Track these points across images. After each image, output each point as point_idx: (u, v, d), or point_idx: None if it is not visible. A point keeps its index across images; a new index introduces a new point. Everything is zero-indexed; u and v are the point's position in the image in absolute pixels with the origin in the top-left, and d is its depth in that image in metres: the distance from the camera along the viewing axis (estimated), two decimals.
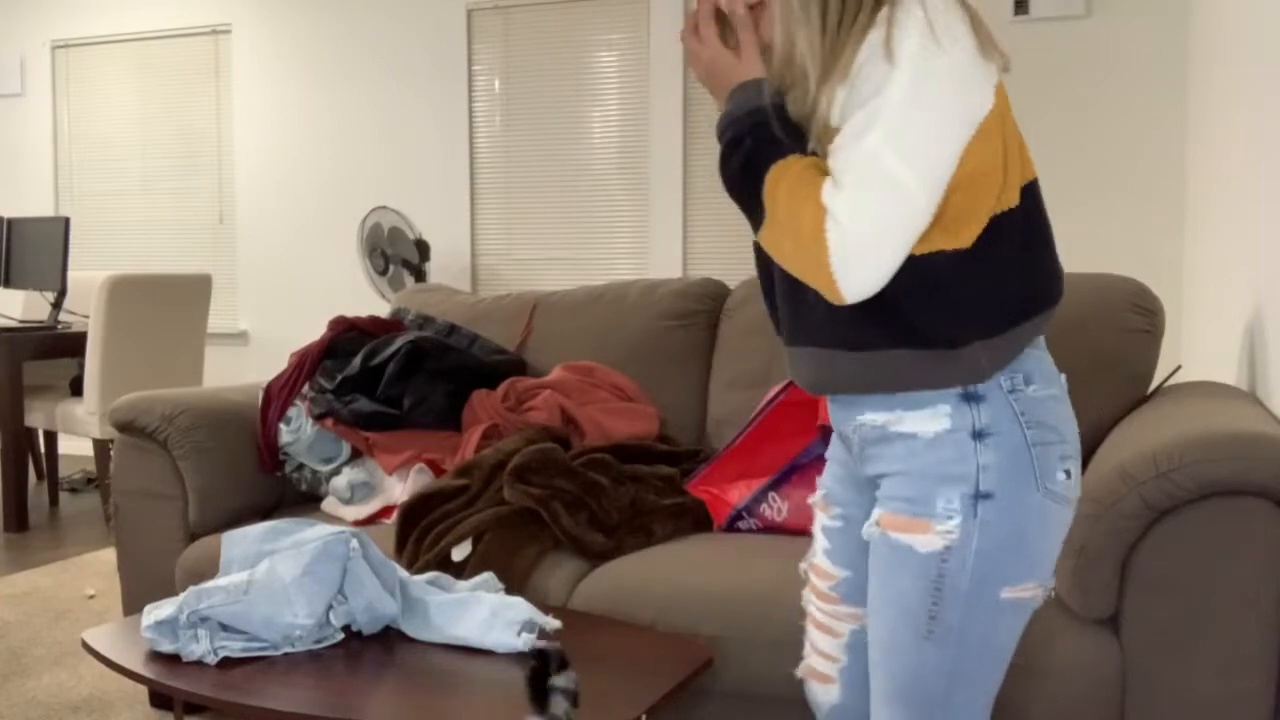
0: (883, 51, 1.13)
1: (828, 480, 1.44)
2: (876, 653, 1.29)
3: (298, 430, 2.58)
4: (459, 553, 2.12)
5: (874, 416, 1.27)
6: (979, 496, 1.20)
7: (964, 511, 1.20)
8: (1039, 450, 1.21)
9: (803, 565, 1.50)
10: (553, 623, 1.81)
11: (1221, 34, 3.17)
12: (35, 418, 4.42)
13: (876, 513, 1.27)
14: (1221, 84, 3.14)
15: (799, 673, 1.50)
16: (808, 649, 1.48)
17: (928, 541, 1.21)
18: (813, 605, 1.46)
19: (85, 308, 4.78)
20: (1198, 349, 3.50)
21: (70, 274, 4.90)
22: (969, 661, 1.24)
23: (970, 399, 1.21)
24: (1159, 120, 4.20)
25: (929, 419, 1.22)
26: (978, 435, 1.20)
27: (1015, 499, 1.20)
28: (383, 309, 5.23)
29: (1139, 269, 4.22)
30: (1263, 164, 2.31)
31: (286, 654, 1.76)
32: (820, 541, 1.44)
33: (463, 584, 1.93)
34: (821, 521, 1.44)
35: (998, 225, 1.19)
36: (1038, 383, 1.24)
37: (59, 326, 4.51)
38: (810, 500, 1.48)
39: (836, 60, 1.17)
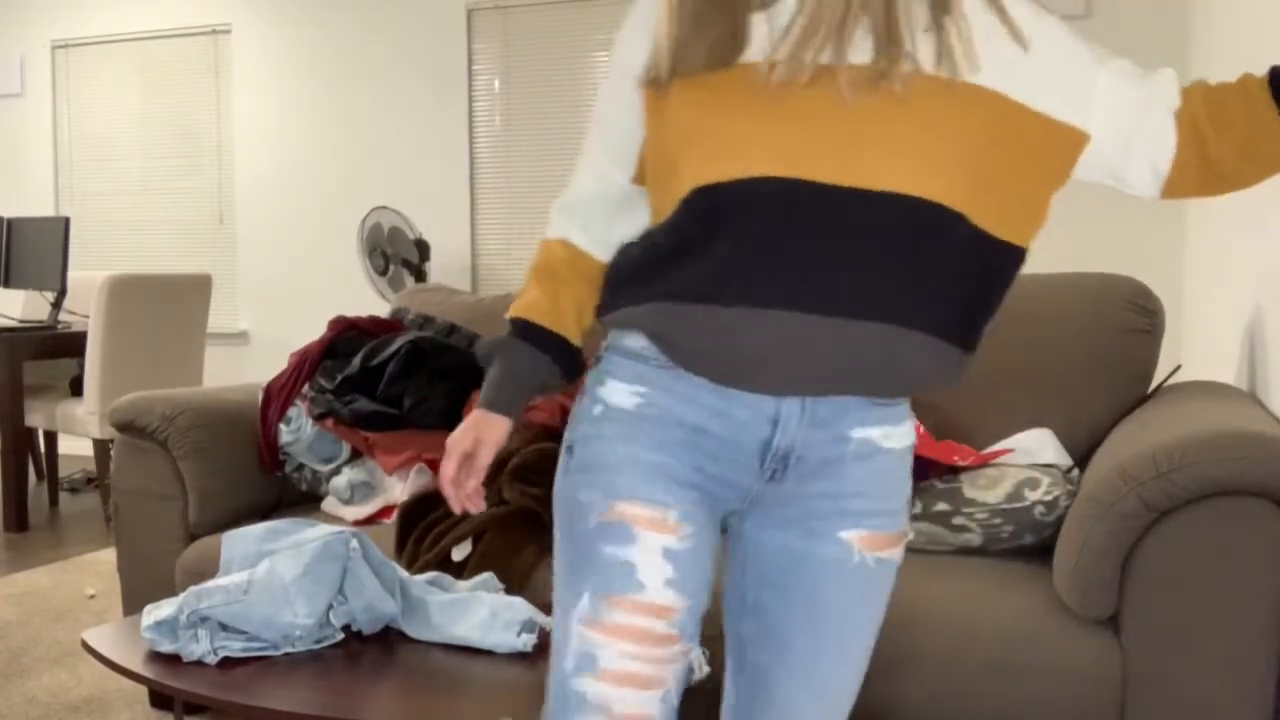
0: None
1: (675, 496, 1.11)
2: (825, 687, 1.18)
3: (298, 430, 2.58)
4: (459, 553, 2.12)
5: (869, 432, 1.13)
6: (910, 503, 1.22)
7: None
8: None
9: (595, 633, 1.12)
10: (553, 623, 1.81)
11: (1221, 34, 3.17)
12: (35, 418, 4.42)
13: (850, 534, 1.14)
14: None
15: None
16: None
17: (900, 552, 1.19)
18: (626, 662, 1.09)
19: (85, 308, 4.78)
20: (1198, 349, 3.50)
21: (70, 274, 4.90)
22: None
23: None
24: None
25: (908, 431, 1.17)
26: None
27: None
28: (383, 309, 5.23)
29: (1139, 269, 4.22)
30: None
31: (286, 654, 1.76)
32: (658, 570, 1.10)
33: (463, 584, 1.93)
34: (663, 543, 1.10)
35: None
36: None
37: (59, 326, 4.51)
38: (627, 514, 1.11)
39: None
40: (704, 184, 1.05)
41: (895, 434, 1.15)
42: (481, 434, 1.21)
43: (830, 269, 1.02)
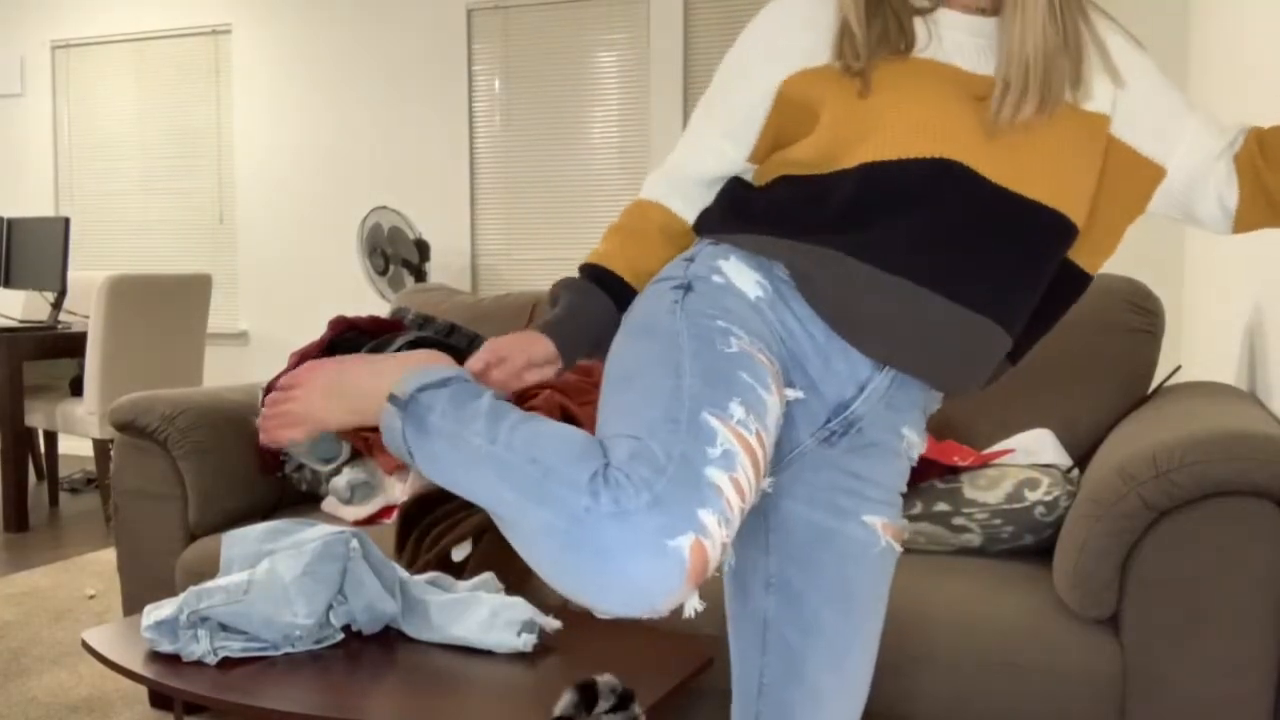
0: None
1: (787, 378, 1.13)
2: (851, 669, 1.22)
3: None
4: (459, 553, 2.12)
5: (911, 435, 1.23)
6: None
7: None
8: None
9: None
10: (553, 623, 1.81)
11: (1221, 34, 3.17)
12: (35, 418, 4.42)
13: (877, 520, 1.21)
14: (1222, 84, 3.14)
15: (671, 544, 0.91)
16: (714, 521, 0.93)
17: (900, 545, 1.28)
18: (747, 483, 0.98)
19: (85, 308, 4.78)
20: (1198, 349, 3.49)
21: (70, 274, 4.90)
22: None
23: None
24: None
25: (924, 442, 1.26)
26: None
27: None
28: (383, 309, 5.24)
29: (1139, 269, 4.22)
30: None
31: (286, 654, 1.76)
32: (775, 426, 1.05)
33: (463, 584, 1.93)
34: (778, 409, 1.06)
35: None
36: None
37: (59, 326, 4.51)
38: (767, 364, 1.07)
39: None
40: (881, 159, 1.10)
41: (919, 443, 1.24)
42: (529, 346, 1.17)
43: (977, 259, 1.10)
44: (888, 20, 1.13)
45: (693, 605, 0.97)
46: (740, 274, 1.14)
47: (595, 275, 1.24)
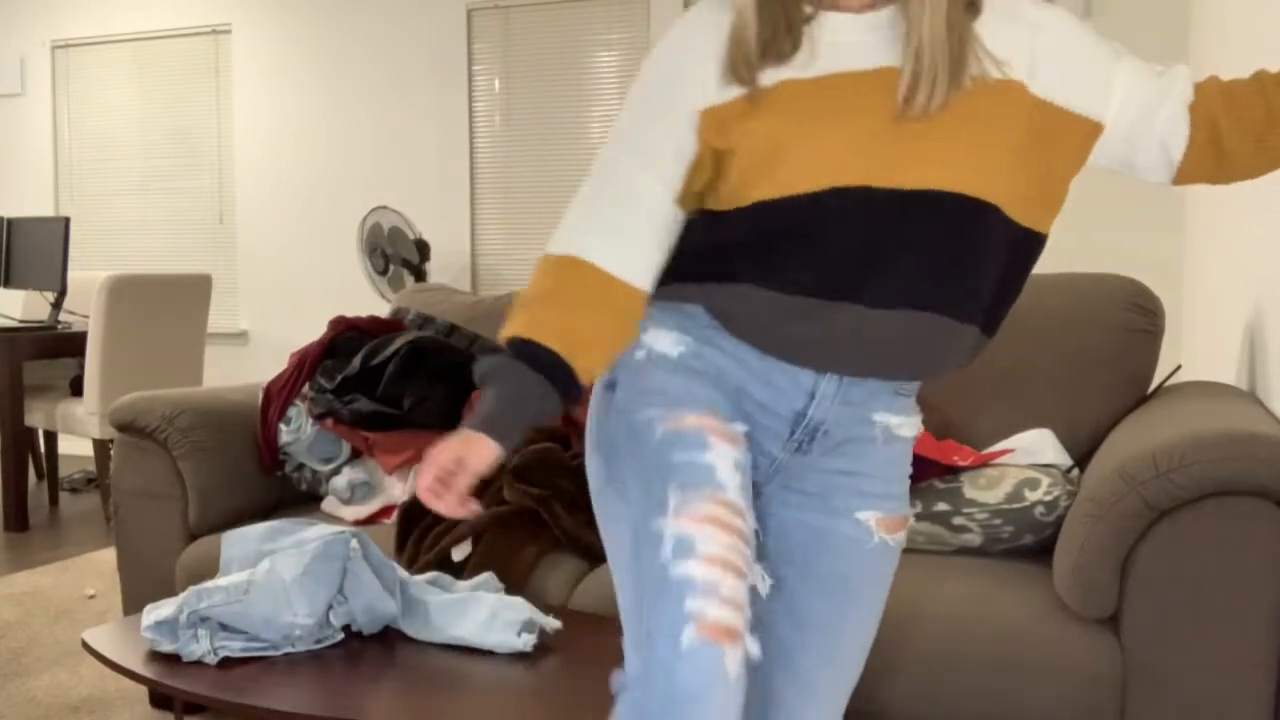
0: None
1: (733, 418, 1.14)
2: (843, 659, 1.23)
3: (298, 430, 2.58)
4: (459, 553, 2.12)
5: (889, 419, 1.20)
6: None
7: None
8: None
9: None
10: (553, 623, 1.81)
11: (1222, 34, 3.17)
12: (35, 418, 4.42)
13: (868, 515, 1.21)
14: None
15: (685, 643, 1.00)
16: (702, 603, 1.02)
17: (904, 536, 1.26)
18: (723, 550, 1.04)
19: (85, 308, 4.78)
20: (1198, 349, 3.49)
21: (70, 274, 4.89)
22: None
23: None
24: None
25: (917, 422, 1.24)
26: None
27: None
28: (383, 309, 5.23)
29: (1139, 269, 4.22)
30: None
31: (286, 654, 1.76)
32: (733, 477, 1.09)
33: (463, 584, 1.93)
34: (734, 456, 1.10)
35: None
36: None
37: (59, 326, 4.51)
38: (696, 423, 1.11)
39: None
40: (771, 198, 1.10)
41: (908, 423, 1.22)
42: (467, 457, 1.11)
43: (889, 264, 1.09)
44: (778, 27, 1.10)
45: (755, 650, 1.05)
46: (659, 339, 1.17)
47: (523, 351, 1.16)
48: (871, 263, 1.09)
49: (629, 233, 1.15)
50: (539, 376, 1.12)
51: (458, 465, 1.11)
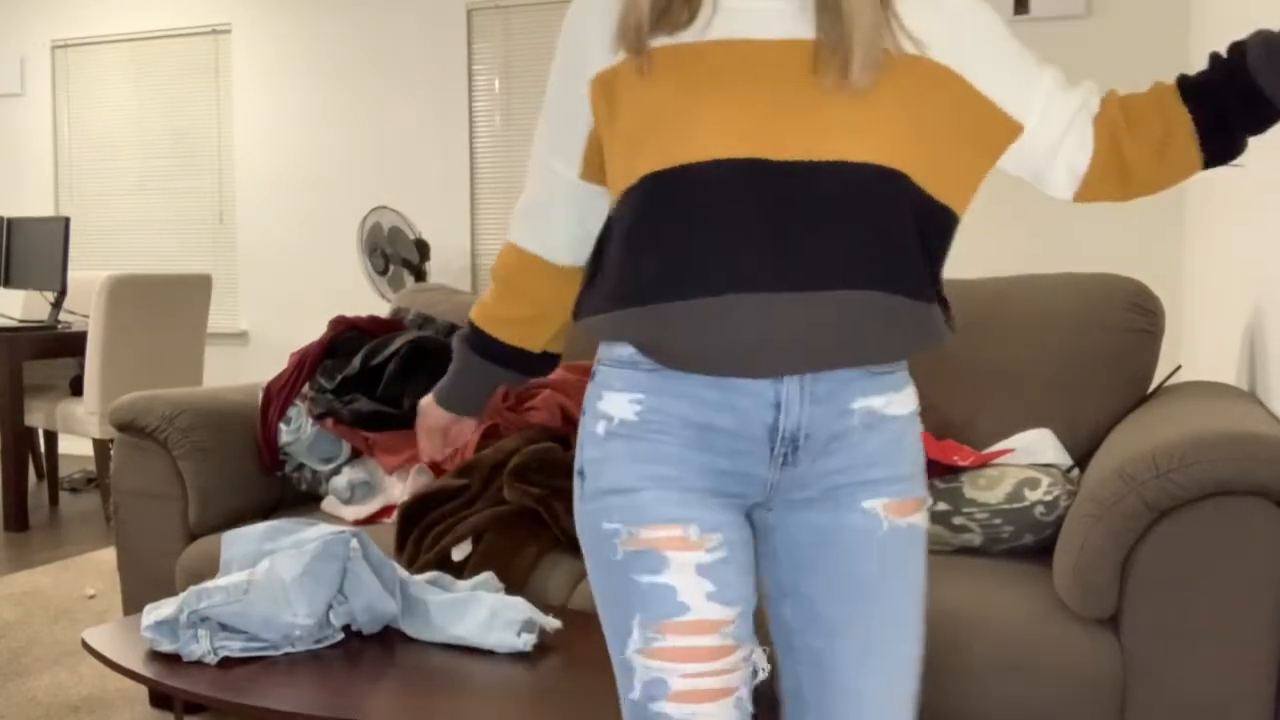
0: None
1: (693, 510, 1.11)
2: (885, 663, 1.18)
3: (298, 430, 2.58)
4: (459, 553, 2.12)
5: (870, 402, 1.13)
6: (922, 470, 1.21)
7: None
8: None
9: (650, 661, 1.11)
10: (553, 623, 1.81)
11: (1222, 35, 3.17)
12: (35, 418, 4.42)
13: (874, 502, 1.15)
14: None
15: None
16: None
17: (924, 517, 1.19)
18: (694, 681, 1.09)
19: (85, 308, 4.78)
20: (1198, 349, 3.50)
21: (70, 274, 4.90)
22: None
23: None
24: None
25: (910, 397, 1.18)
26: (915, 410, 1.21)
27: None
28: (383, 309, 5.23)
29: (1139, 269, 4.22)
30: (1263, 163, 2.31)
31: (286, 654, 1.76)
32: (697, 588, 1.10)
33: (463, 584, 1.93)
34: (694, 560, 1.10)
35: None
36: None
37: (59, 326, 4.51)
38: (652, 540, 1.10)
39: None
40: (659, 169, 1.07)
41: (897, 400, 1.16)
42: (451, 432, 1.46)
43: (791, 243, 1.04)
44: None
45: (762, 666, 1.10)
46: (615, 404, 1.14)
47: (474, 340, 1.38)
48: (782, 242, 1.04)
49: (541, 216, 1.26)
50: (479, 358, 1.36)
51: (453, 429, 1.45)
